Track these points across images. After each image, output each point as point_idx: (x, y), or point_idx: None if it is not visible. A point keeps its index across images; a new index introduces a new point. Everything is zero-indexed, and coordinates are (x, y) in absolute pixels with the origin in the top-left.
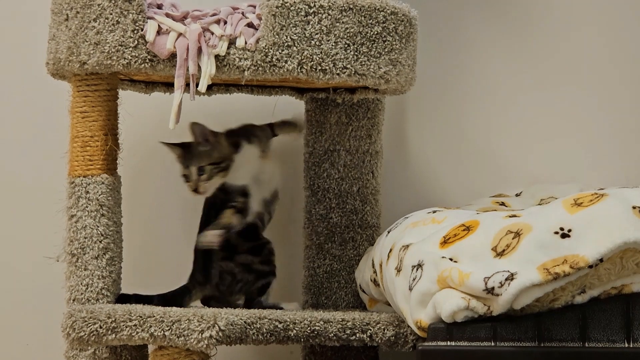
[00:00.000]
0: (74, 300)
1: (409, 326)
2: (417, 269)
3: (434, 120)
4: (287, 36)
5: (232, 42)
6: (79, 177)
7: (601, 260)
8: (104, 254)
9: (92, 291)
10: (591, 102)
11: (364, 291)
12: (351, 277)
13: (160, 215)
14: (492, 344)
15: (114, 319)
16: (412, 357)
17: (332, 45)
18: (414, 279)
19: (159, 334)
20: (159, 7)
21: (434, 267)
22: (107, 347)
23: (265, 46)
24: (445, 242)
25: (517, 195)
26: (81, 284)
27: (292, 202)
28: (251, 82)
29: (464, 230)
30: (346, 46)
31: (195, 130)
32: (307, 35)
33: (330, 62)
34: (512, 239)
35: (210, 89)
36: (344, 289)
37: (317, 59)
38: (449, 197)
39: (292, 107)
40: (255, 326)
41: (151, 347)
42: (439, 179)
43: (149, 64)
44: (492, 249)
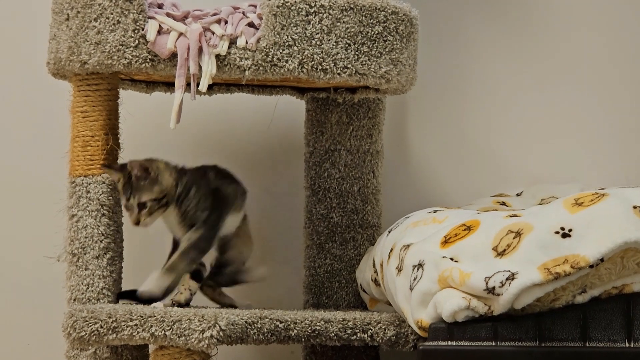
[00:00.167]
0: (74, 300)
1: (409, 326)
2: (417, 269)
3: (435, 119)
4: (287, 36)
5: (232, 42)
6: (80, 176)
7: (602, 260)
8: (105, 253)
9: (92, 291)
10: (591, 102)
11: (364, 291)
12: (352, 277)
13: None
14: (493, 343)
15: (114, 319)
16: (413, 356)
17: (333, 44)
18: (415, 279)
19: (160, 333)
20: (160, 6)
21: (434, 266)
22: (107, 346)
23: (266, 46)
24: (446, 241)
25: (517, 195)
26: (82, 283)
27: (292, 202)
28: (252, 81)
29: (465, 230)
30: (347, 46)
31: (133, 166)
32: (307, 34)
33: (331, 62)
34: (513, 238)
35: (210, 88)
36: (345, 289)
37: (318, 58)
38: (449, 197)
39: (292, 107)
40: (256, 326)
41: (152, 347)
42: (440, 178)
43: (150, 64)
44: (492, 249)
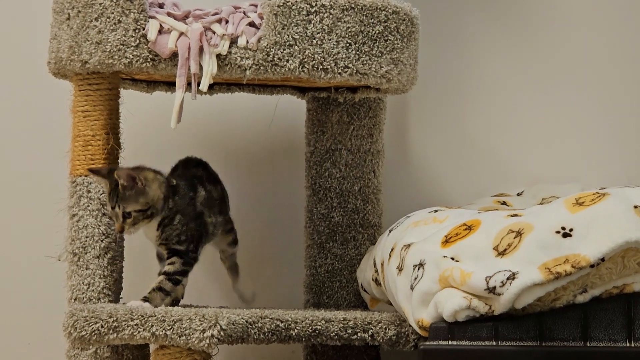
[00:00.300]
0: (75, 299)
1: (410, 325)
2: (418, 269)
3: (436, 119)
4: (288, 35)
5: (233, 42)
6: (81, 176)
7: (603, 259)
8: (106, 253)
9: (93, 290)
10: (591, 102)
11: (365, 290)
12: (353, 277)
13: None
14: (494, 343)
15: (115, 318)
16: (414, 356)
17: (334, 44)
18: (416, 279)
19: (161, 333)
20: (161, 6)
21: (435, 266)
22: (108, 346)
23: (266, 45)
24: (446, 241)
25: (518, 194)
26: (83, 283)
27: (293, 201)
28: (253, 81)
29: (466, 229)
30: (348, 45)
31: (120, 175)
32: (308, 34)
33: (331, 62)
34: (514, 238)
35: (211, 88)
36: (346, 289)
37: (319, 58)
38: (450, 197)
39: (293, 107)
40: (256, 325)
41: (153, 347)
42: (441, 178)
43: (151, 63)
44: (493, 249)
